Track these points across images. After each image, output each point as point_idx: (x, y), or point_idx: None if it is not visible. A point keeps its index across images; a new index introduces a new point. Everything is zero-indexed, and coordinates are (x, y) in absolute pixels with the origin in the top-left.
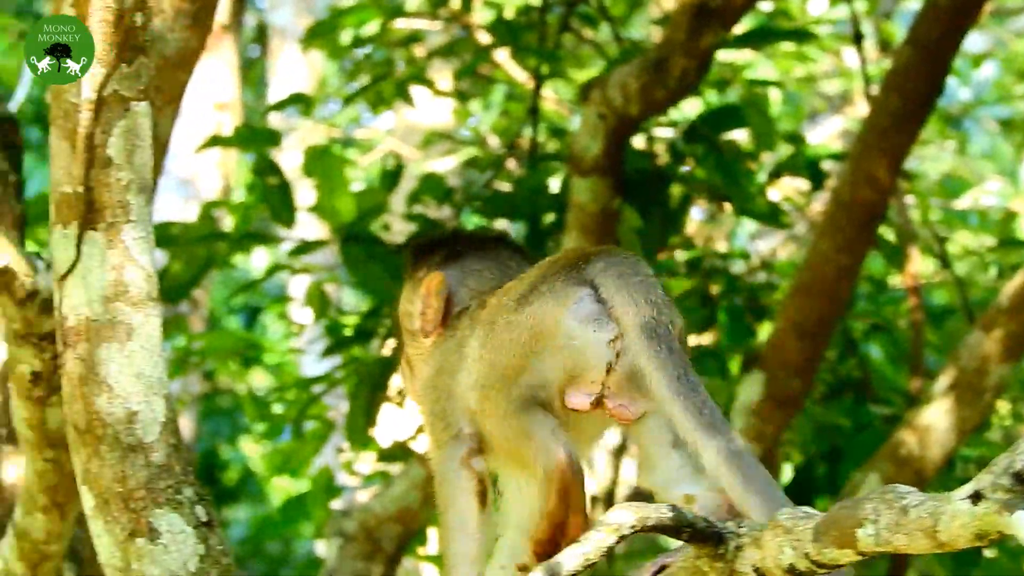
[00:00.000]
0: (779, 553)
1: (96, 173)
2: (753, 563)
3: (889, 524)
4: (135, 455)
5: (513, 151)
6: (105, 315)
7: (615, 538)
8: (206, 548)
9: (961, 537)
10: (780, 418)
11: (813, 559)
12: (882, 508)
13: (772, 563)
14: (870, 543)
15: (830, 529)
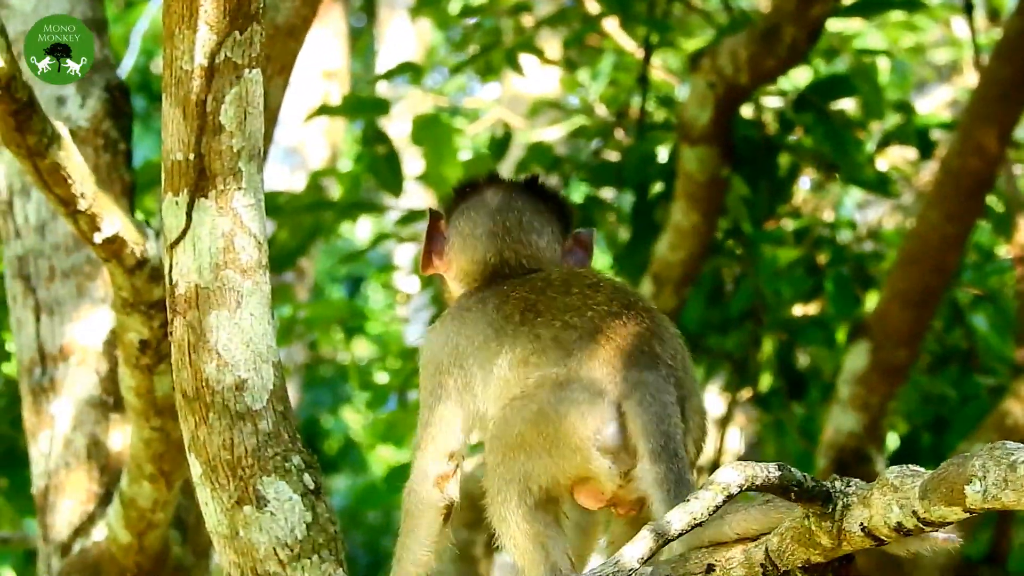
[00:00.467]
0: (887, 511)
1: (208, 140)
2: (861, 521)
3: (997, 480)
4: (243, 422)
5: (621, 120)
6: (215, 282)
7: (723, 497)
8: (313, 515)
9: None
10: (886, 388)
11: (920, 516)
12: (990, 464)
13: (880, 521)
14: (978, 500)
15: (938, 486)
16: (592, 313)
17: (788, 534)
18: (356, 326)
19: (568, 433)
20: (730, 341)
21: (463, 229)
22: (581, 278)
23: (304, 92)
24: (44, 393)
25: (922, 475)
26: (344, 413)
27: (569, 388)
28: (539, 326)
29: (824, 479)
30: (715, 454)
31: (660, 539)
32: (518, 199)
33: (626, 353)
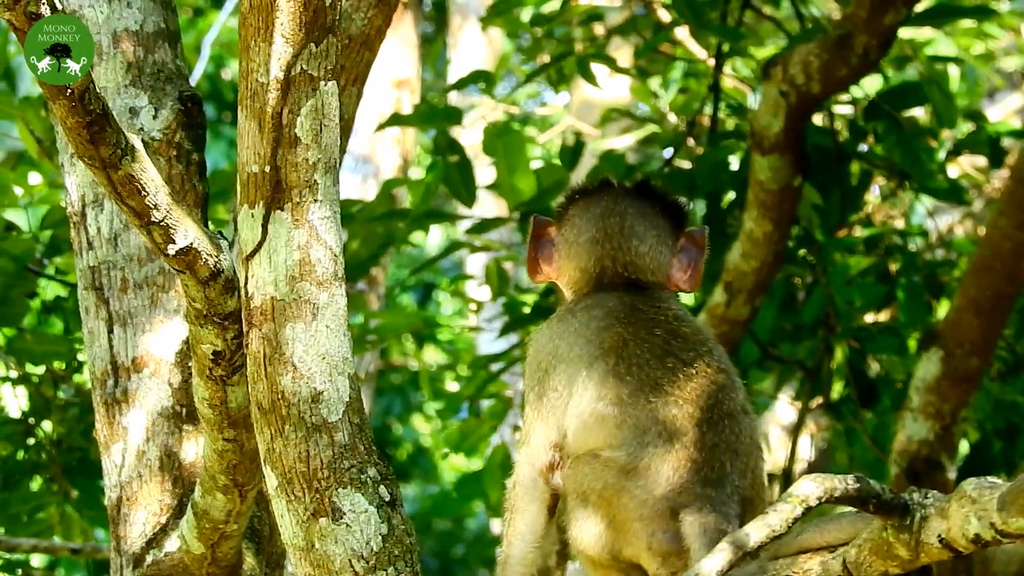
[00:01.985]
0: (964, 523)
1: (283, 153)
2: (939, 533)
3: None
4: (319, 434)
5: (693, 129)
6: (291, 295)
7: (802, 510)
8: (389, 527)
9: None
10: (957, 395)
11: (999, 528)
12: None
13: (958, 533)
14: None
15: (1016, 498)
16: (681, 392)
17: (866, 546)
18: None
19: (625, 524)
20: (802, 349)
21: (568, 236)
22: (687, 335)
23: (376, 101)
24: (117, 404)
25: (1000, 487)
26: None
27: (635, 482)
28: (630, 375)
29: (896, 487)
30: (786, 462)
31: (738, 552)
32: (623, 203)
33: (698, 464)
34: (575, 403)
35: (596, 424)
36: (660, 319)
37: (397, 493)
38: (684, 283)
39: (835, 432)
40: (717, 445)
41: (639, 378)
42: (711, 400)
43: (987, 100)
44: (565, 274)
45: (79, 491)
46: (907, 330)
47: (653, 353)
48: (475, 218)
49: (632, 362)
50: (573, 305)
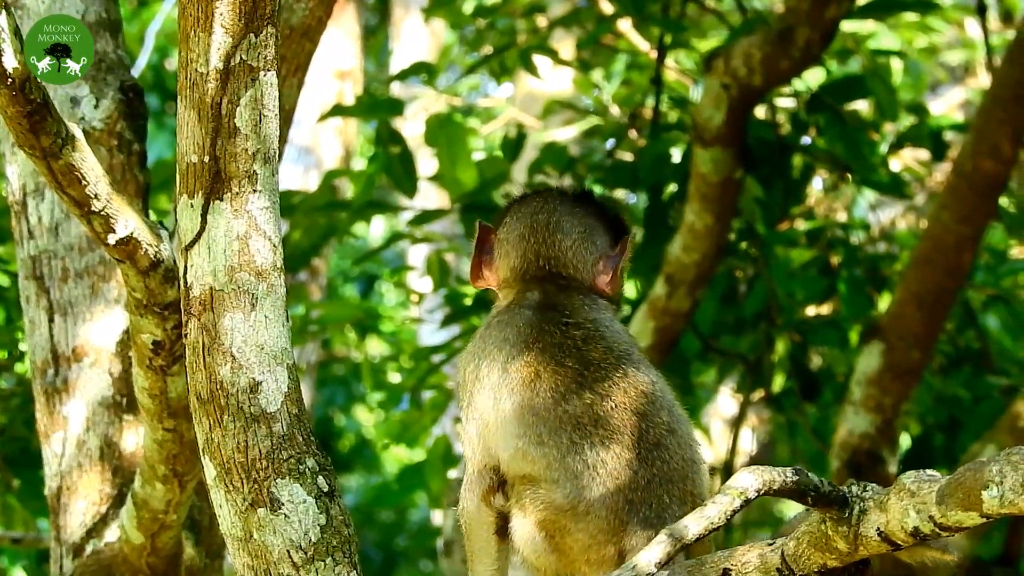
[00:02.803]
0: (903, 516)
1: (223, 143)
2: (878, 526)
3: (1014, 486)
4: (257, 425)
5: (635, 121)
6: (230, 285)
7: (740, 502)
8: (327, 518)
9: None
10: (899, 389)
11: (937, 522)
12: (1008, 470)
13: (897, 526)
14: (995, 505)
15: (955, 491)
16: (605, 430)
17: (804, 539)
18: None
19: (573, 562)
20: (743, 342)
21: (502, 235)
22: (599, 359)
23: (317, 92)
24: (57, 394)
25: (939, 480)
26: (357, 412)
27: (577, 525)
28: (546, 410)
29: (837, 480)
30: (728, 455)
31: (676, 544)
32: (555, 203)
33: (636, 506)
34: (501, 434)
35: (524, 460)
36: (570, 340)
37: (335, 484)
38: (605, 286)
39: (777, 425)
40: (651, 481)
41: (557, 415)
42: (636, 434)
43: (930, 94)
44: (499, 276)
45: (21, 481)
46: (849, 323)
47: (568, 388)
48: (417, 209)
49: (549, 396)
50: (492, 319)
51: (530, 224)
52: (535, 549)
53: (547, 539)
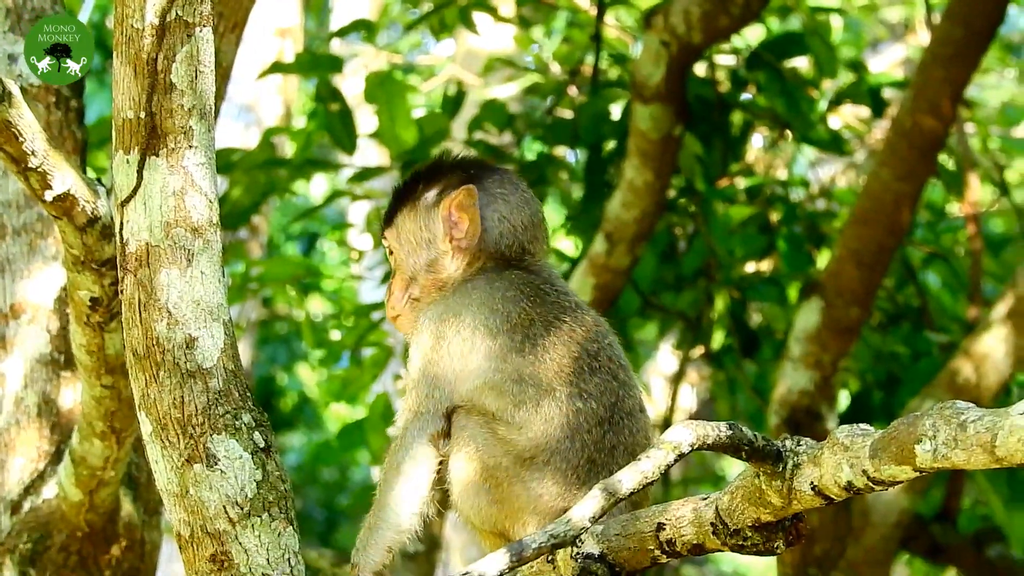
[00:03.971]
0: (837, 470)
1: (159, 99)
2: (811, 480)
3: (947, 440)
4: (193, 381)
5: (575, 78)
6: (165, 241)
7: (674, 456)
8: (263, 474)
9: (1019, 451)
10: (838, 345)
11: (871, 476)
12: (940, 424)
13: (830, 480)
14: (928, 459)
15: (888, 445)
16: (587, 386)
17: (738, 493)
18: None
19: (517, 512)
20: (683, 299)
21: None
22: (590, 325)
23: (258, 49)
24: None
25: (872, 434)
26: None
27: (532, 474)
28: (533, 355)
29: (776, 437)
30: (667, 411)
31: (611, 498)
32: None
33: (597, 467)
34: (472, 372)
35: (494, 393)
36: (565, 304)
37: (272, 439)
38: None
39: (716, 382)
40: (616, 447)
41: (543, 361)
42: (613, 398)
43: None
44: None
45: None
46: (788, 280)
47: (560, 339)
48: (357, 167)
49: (537, 343)
50: (471, 278)
51: (528, 217)
52: (474, 500)
53: (491, 489)
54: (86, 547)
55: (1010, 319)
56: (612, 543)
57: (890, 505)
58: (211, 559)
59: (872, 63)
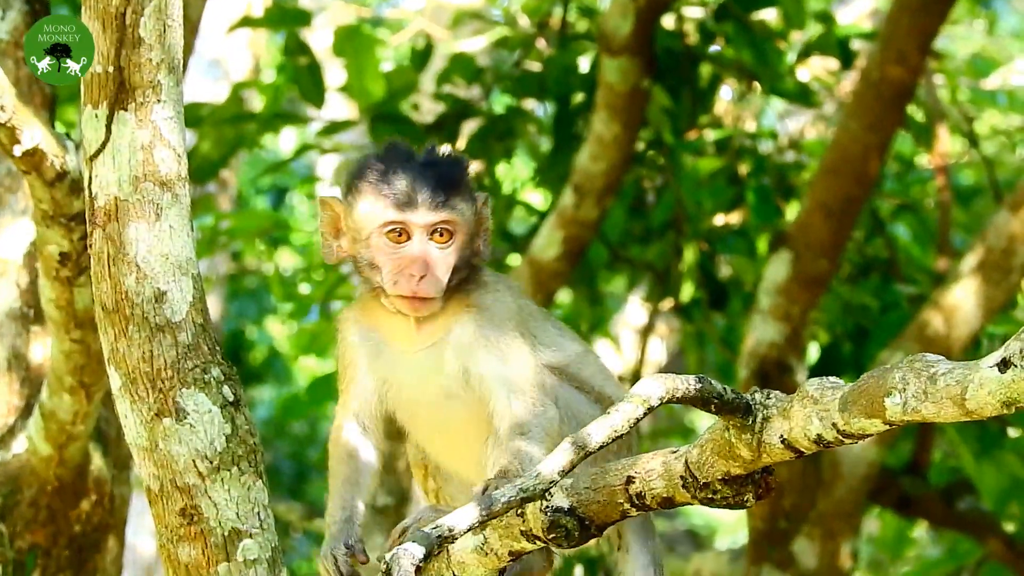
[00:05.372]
0: (807, 423)
1: (127, 53)
2: (781, 434)
3: (917, 392)
4: (163, 335)
5: (543, 31)
6: (134, 195)
7: (643, 410)
8: (232, 427)
9: (989, 405)
10: (807, 298)
11: (840, 429)
12: (911, 377)
13: (800, 433)
14: (898, 412)
15: (858, 399)
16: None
17: (708, 446)
18: (280, 237)
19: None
20: (652, 251)
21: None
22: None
23: (227, 3)
24: None
25: (842, 387)
26: (268, 324)
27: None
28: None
29: (745, 390)
30: (637, 364)
31: (580, 451)
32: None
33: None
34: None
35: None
36: None
37: (241, 393)
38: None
39: (685, 334)
40: None
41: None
42: None
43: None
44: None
45: None
46: (757, 232)
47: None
48: (325, 120)
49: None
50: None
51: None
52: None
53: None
54: (55, 502)
55: (979, 271)
56: (581, 496)
57: (859, 457)
58: (181, 513)
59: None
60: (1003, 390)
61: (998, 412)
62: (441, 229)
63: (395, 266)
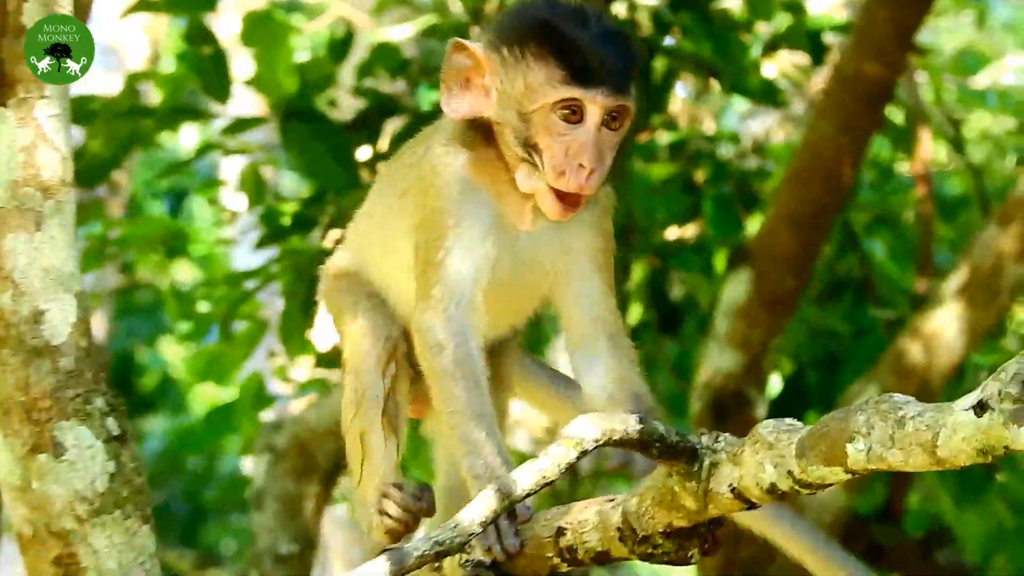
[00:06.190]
0: (759, 471)
1: (8, 43)
2: (730, 482)
3: (883, 438)
4: (41, 360)
5: (478, 18)
6: (12, 202)
7: (576, 453)
8: (117, 465)
9: (963, 453)
10: (770, 321)
11: (797, 477)
12: (876, 420)
13: (751, 482)
14: (861, 460)
15: (817, 444)
16: None
17: (648, 495)
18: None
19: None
20: None
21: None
22: None
23: None
24: None
25: (800, 431)
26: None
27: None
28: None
29: (699, 425)
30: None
31: (504, 500)
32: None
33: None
34: None
35: None
36: None
37: (127, 426)
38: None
39: None
40: None
41: None
42: None
43: None
44: None
45: None
46: (714, 247)
47: None
48: (231, 117)
49: None
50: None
51: None
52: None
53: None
54: None
55: (964, 293)
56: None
57: (826, 503)
58: (55, 562)
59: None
60: (979, 436)
61: (973, 460)
62: (616, 114)
63: (563, 152)
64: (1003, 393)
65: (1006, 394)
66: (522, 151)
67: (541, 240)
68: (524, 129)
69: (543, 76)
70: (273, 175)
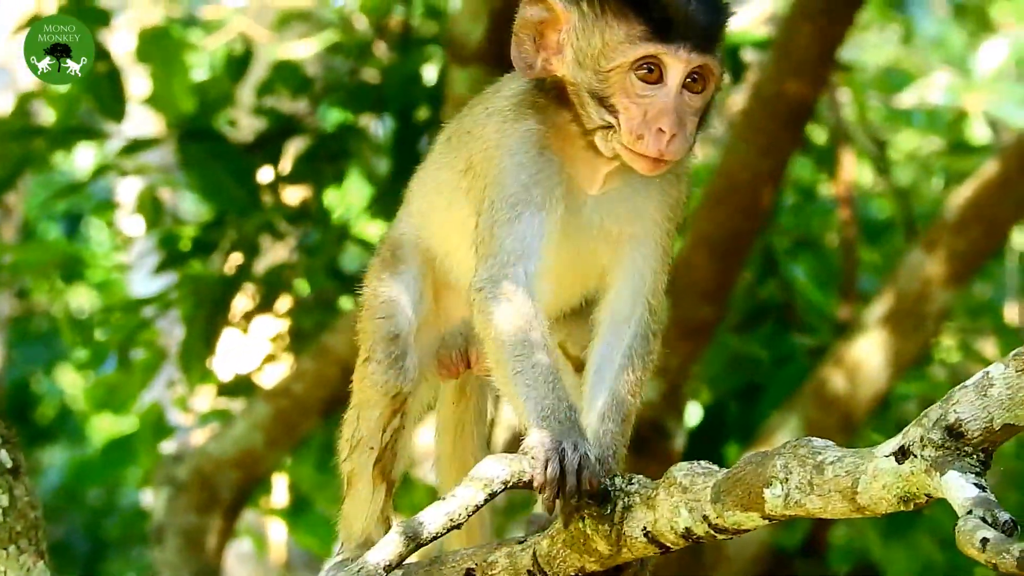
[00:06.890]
0: (674, 515)
1: None
2: (644, 525)
3: (801, 484)
4: None
5: (382, 34)
6: None
7: (485, 495)
8: (10, 499)
9: (883, 500)
10: (687, 349)
11: (713, 523)
12: (793, 465)
13: (665, 526)
14: (778, 505)
15: (733, 488)
16: None
17: (559, 537)
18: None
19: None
20: None
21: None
22: None
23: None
24: None
25: (715, 474)
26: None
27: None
28: None
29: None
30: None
31: (411, 543)
32: None
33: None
34: None
35: None
36: None
37: (21, 459)
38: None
39: None
40: None
41: None
42: None
43: None
44: None
45: None
46: None
47: None
48: (127, 137)
49: None
50: None
51: None
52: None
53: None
54: None
55: (889, 320)
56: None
57: (747, 537)
58: None
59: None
60: (900, 484)
61: (894, 509)
62: (698, 75)
63: (642, 114)
64: (925, 439)
65: (928, 440)
66: (597, 114)
67: (609, 204)
68: (601, 90)
69: (623, 33)
70: (172, 197)
